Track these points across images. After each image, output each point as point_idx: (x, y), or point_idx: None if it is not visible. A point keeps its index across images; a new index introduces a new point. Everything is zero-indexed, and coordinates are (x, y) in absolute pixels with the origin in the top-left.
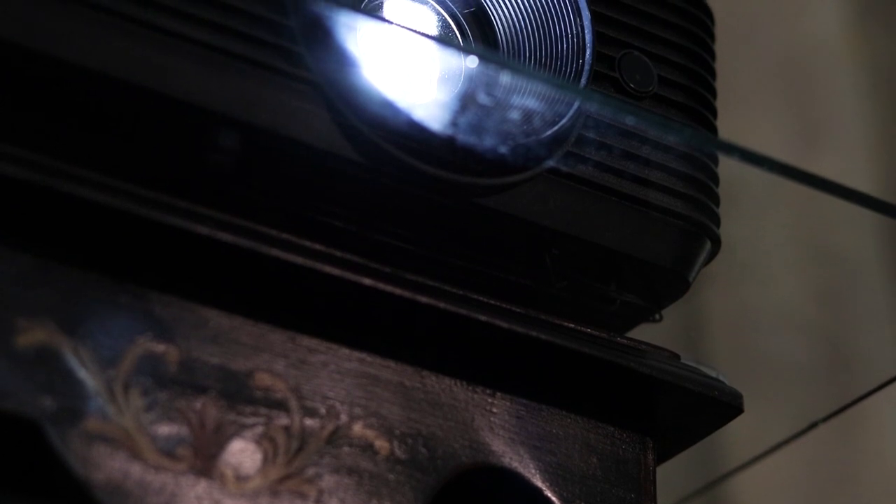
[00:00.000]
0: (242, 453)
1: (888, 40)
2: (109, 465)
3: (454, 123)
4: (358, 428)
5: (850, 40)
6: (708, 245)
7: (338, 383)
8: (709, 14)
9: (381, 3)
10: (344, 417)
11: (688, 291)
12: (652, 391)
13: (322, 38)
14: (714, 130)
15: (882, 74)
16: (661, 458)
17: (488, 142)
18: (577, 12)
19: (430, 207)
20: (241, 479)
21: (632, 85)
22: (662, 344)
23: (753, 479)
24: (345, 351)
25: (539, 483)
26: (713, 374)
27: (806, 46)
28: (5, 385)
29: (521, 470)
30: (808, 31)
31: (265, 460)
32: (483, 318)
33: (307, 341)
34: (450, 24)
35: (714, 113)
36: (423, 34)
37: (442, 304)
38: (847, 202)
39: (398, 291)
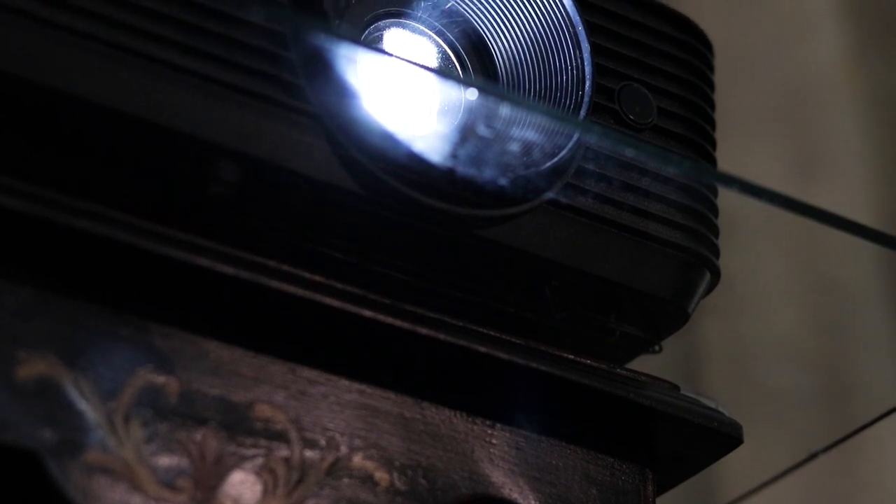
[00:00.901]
0: (242, 485)
1: (886, 71)
2: (110, 497)
3: (454, 155)
4: (358, 459)
5: (849, 71)
6: (707, 276)
7: (338, 415)
8: (708, 45)
9: (381, 35)
10: (344, 449)
11: (687, 323)
12: (651, 422)
13: (322, 71)
14: (713, 162)
15: (880, 105)
16: (661, 489)
17: (488, 173)
18: (577, 44)
19: (429, 239)
20: None
21: (631, 116)
22: (662, 375)
23: None
24: (345, 382)
25: None
26: (712, 405)
27: (804, 77)
28: (6, 417)
29: (520, 501)
30: (807, 61)
31: (265, 492)
32: (483, 349)
33: (307, 373)
34: (450, 57)
35: (713, 144)
36: (423, 66)
37: (442, 336)
38: (845, 233)
39: (398, 323)
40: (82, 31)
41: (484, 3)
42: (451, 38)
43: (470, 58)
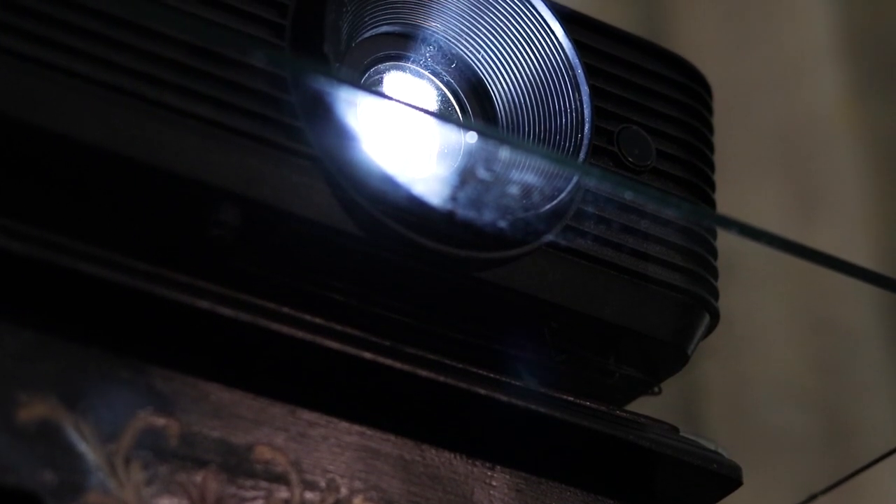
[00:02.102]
0: None
1: (886, 112)
2: None
3: (454, 198)
4: (358, 501)
5: (847, 112)
6: (707, 318)
7: (338, 457)
8: (706, 87)
9: (381, 78)
10: (344, 491)
11: (687, 364)
12: (651, 464)
13: (322, 114)
14: (712, 204)
15: (879, 145)
16: None
17: (487, 216)
18: (576, 87)
19: (429, 281)
20: None
21: (630, 159)
22: (661, 417)
23: None
24: (345, 424)
25: None
26: (712, 446)
27: (803, 118)
28: (7, 460)
29: None
30: (806, 102)
31: None
32: (482, 391)
33: (307, 415)
34: (449, 100)
35: (712, 186)
36: (423, 109)
37: (442, 378)
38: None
39: (398, 365)
40: (81, 74)
41: (483, 46)
42: (451, 81)
43: (469, 101)
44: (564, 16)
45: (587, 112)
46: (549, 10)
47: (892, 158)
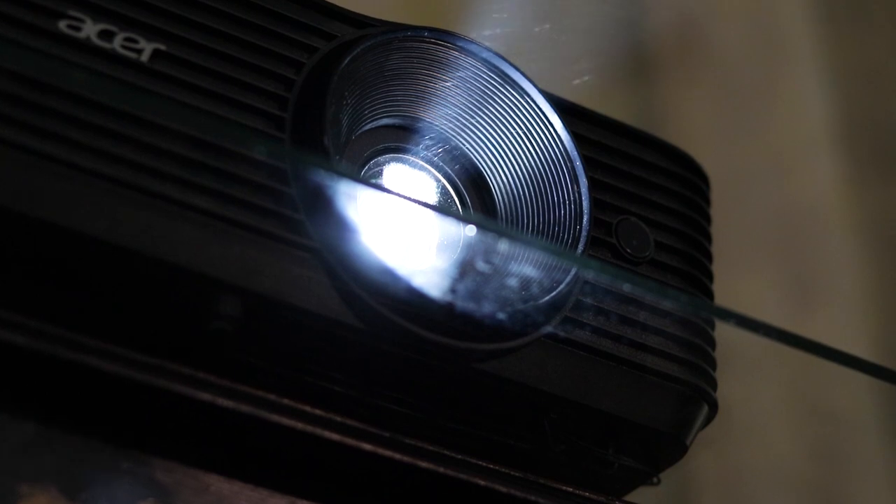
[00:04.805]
0: None
1: (881, 200)
2: None
3: (453, 290)
4: None
5: (844, 198)
6: (705, 409)
7: None
8: (704, 178)
9: (381, 170)
10: None
11: (685, 455)
12: None
13: (323, 206)
14: (710, 295)
15: (875, 234)
16: None
17: (487, 308)
18: (575, 179)
19: (428, 372)
20: None
21: (628, 250)
22: None
23: None
24: None
25: None
26: None
27: (800, 205)
28: None
29: None
30: (802, 189)
31: None
32: (482, 482)
33: None
34: (448, 192)
35: (710, 277)
36: (422, 202)
37: (441, 469)
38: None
39: (398, 456)
40: (82, 167)
41: (483, 138)
42: (451, 172)
43: (469, 193)
44: (563, 108)
45: (586, 204)
46: (548, 102)
47: (889, 246)
